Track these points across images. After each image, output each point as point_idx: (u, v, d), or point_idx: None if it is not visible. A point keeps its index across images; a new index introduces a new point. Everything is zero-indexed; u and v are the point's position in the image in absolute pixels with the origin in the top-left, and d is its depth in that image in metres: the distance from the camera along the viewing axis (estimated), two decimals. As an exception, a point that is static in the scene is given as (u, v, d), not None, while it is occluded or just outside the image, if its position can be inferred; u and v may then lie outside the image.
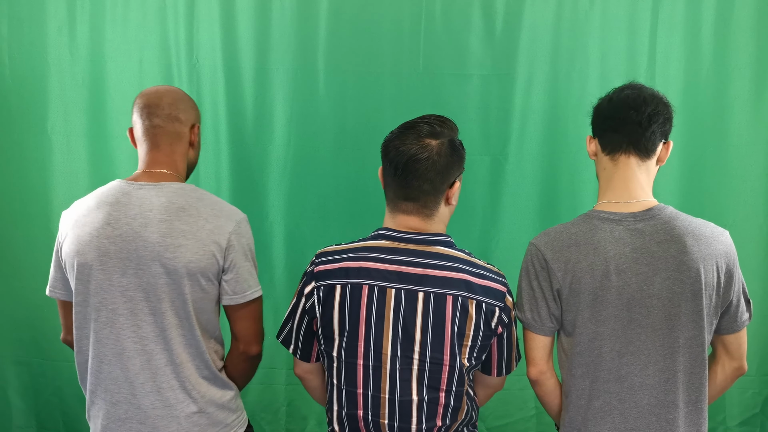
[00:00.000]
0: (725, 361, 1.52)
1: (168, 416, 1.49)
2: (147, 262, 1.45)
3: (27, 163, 2.38)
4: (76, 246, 1.48)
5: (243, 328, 1.57)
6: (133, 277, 1.45)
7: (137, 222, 1.46)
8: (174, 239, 1.45)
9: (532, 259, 1.46)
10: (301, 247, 2.40)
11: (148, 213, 1.46)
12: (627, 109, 1.43)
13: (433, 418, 1.41)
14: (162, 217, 1.46)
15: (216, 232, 1.47)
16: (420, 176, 1.39)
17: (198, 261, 1.45)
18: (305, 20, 2.33)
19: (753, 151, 2.36)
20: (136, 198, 1.48)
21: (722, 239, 1.44)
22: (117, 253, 1.45)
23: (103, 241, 1.46)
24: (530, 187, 2.40)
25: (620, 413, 1.42)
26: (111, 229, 1.46)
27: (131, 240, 1.45)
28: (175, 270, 1.44)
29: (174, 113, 1.56)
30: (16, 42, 2.34)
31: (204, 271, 1.46)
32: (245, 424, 1.63)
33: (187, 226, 1.46)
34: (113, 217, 1.47)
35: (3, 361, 2.50)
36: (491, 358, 1.49)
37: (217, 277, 1.49)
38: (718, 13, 2.32)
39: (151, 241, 1.45)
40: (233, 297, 1.51)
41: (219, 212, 1.50)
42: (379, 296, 1.39)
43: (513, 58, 2.34)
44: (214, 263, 1.47)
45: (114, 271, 1.46)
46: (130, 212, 1.47)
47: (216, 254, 1.47)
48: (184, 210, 1.47)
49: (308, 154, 2.38)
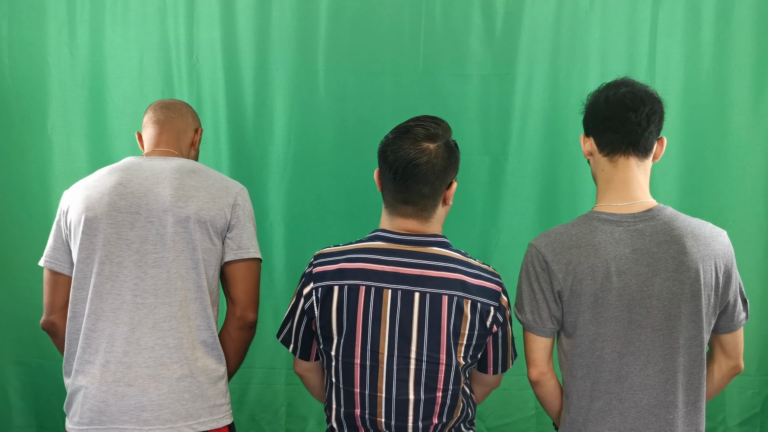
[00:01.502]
0: (722, 360, 1.52)
1: (158, 376, 1.49)
2: (158, 213, 1.52)
3: (27, 163, 2.38)
4: (84, 204, 1.54)
5: (241, 291, 1.61)
6: (142, 230, 1.51)
7: (149, 181, 1.56)
8: (186, 192, 1.56)
9: (532, 260, 1.46)
10: (301, 247, 2.39)
11: (159, 174, 1.58)
12: (626, 110, 1.42)
13: (429, 417, 1.42)
14: (174, 176, 1.57)
15: (225, 190, 1.60)
16: (420, 180, 1.40)
17: (208, 210, 1.55)
18: (305, 20, 2.33)
19: (753, 151, 2.36)
20: (147, 165, 1.60)
21: (720, 239, 1.44)
22: (127, 208, 1.52)
23: (114, 197, 1.53)
24: (530, 187, 2.39)
25: (620, 413, 1.42)
26: (122, 187, 1.55)
27: (142, 195, 1.54)
28: (186, 218, 1.52)
29: (184, 111, 1.75)
30: (16, 42, 2.34)
31: (213, 221, 1.55)
32: (230, 418, 1.61)
33: (197, 182, 1.58)
34: (125, 179, 1.56)
35: (3, 361, 2.49)
36: (487, 356, 1.50)
37: (222, 233, 1.57)
38: (718, 13, 2.31)
39: (163, 194, 1.54)
40: (237, 252, 1.58)
41: (226, 178, 1.67)
42: (376, 297, 1.40)
43: (513, 58, 2.34)
44: (222, 216, 1.56)
45: (123, 225, 1.51)
46: (142, 174, 1.58)
47: (225, 208, 1.57)
48: (195, 171, 1.61)
49: (308, 154, 2.38)
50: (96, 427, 1.49)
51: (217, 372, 1.58)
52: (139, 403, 1.48)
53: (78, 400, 1.53)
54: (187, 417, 1.50)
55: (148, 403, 1.48)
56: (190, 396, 1.52)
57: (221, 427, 1.57)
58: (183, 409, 1.50)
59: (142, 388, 1.49)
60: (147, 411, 1.48)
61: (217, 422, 1.56)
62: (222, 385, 1.60)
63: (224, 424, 1.58)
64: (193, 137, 1.76)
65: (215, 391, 1.57)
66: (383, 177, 1.45)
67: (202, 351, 1.55)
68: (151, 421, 1.48)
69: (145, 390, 1.49)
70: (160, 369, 1.50)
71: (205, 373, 1.55)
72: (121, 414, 1.48)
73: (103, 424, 1.49)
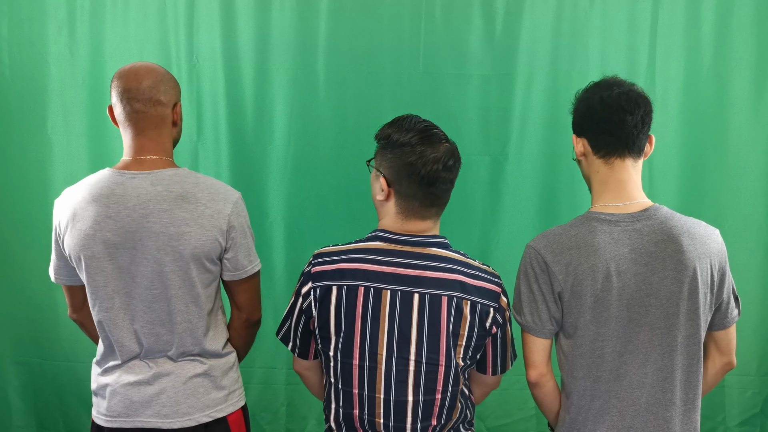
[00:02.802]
0: (716, 356, 1.53)
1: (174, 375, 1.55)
2: (153, 252, 1.49)
3: (27, 163, 2.38)
4: (80, 240, 1.49)
5: (245, 300, 1.64)
6: (140, 266, 1.50)
7: (137, 213, 1.48)
8: (177, 228, 1.48)
9: (531, 261, 1.46)
10: (301, 247, 2.39)
11: (146, 203, 1.48)
12: (622, 112, 1.42)
13: (428, 418, 1.42)
14: (162, 207, 1.48)
15: (216, 217, 1.51)
16: (447, 180, 1.43)
17: (203, 246, 1.50)
18: (305, 20, 2.32)
19: (753, 151, 2.36)
20: (131, 188, 1.49)
21: (714, 237, 1.45)
22: (123, 244, 1.49)
23: (106, 234, 1.48)
24: (530, 187, 2.39)
25: (618, 411, 1.42)
26: (112, 222, 1.48)
27: (134, 231, 1.48)
28: (181, 257, 1.50)
29: (155, 96, 1.52)
30: (16, 42, 2.33)
31: (209, 254, 1.52)
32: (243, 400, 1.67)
33: (188, 214, 1.49)
34: (113, 210, 1.48)
35: (3, 361, 2.50)
36: (486, 357, 1.50)
37: (219, 257, 1.56)
38: (718, 13, 2.31)
39: (155, 231, 1.48)
40: (235, 273, 1.59)
41: (215, 196, 1.53)
42: (375, 298, 1.40)
43: (513, 58, 2.34)
44: (218, 246, 1.53)
45: (123, 261, 1.50)
46: (129, 203, 1.48)
47: (219, 238, 1.52)
48: (183, 198, 1.49)
49: (308, 154, 2.38)
50: (124, 419, 1.55)
51: (228, 363, 1.63)
52: (160, 400, 1.55)
53: (105, 396, 1.58)
54: (203, 408, 1.57)
55: (167, 399, 1.54)
56: (205, 390, 1.57)
57: (236, 410, 1.63)
58: (200, 402, 1.56)
59: (160, 387, 1.55)
60: (167, 407, 1.55)
61: (233, 406, 1.62)
62: (234, 372, 1.64)
63: (239, 407, 1.64)
64: (173, 117, 1.57)
65: (228, 380, 1.62)
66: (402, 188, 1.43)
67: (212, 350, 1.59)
68: (171, 415, 1.54)
69: (163, 389, 1.55)
70: (174, 375, 1.56)
71: (218, 368, 1.60)
72: (144, 409, 1.55)
73: (130, 416, 1.55)
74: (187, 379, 1.55)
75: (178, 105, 1.59)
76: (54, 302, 2.40)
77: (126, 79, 1.52)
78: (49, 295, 2.40)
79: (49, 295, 2.40)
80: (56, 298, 2.38)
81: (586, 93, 1.50)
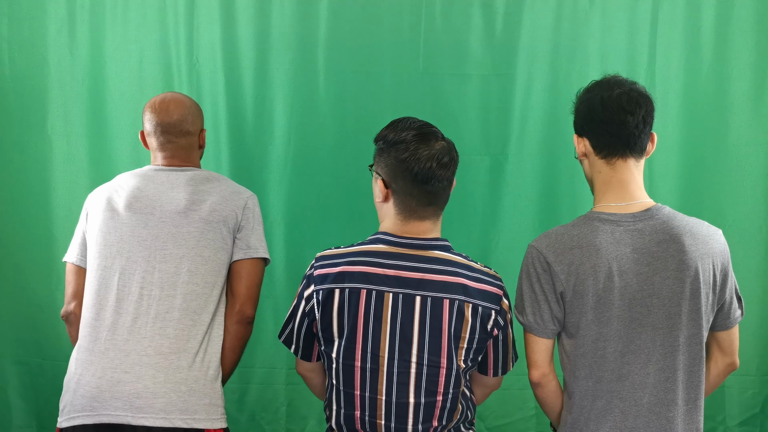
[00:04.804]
0: (718, 357, 1.53)
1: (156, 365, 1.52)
2: (171, 215, 1.60)
3: (27, 163, 2.37)
4: (105, 204, 1.65)
5: (244, 286, 1.66)
6: (154, 228, 1.59)
7: (165, 186, 1.67)
8: (199, 196, 1.66)
9: (533, 261, 1.45)
10: (301, 248, 2.39)
11: (174, 180, 1.69)
12: (623, 113, 1.41)
13: (429, 420, 1.43)
14: (188, 182, 1.68)
15: (236, 194, 1.71)
16: (443, 178, 1.43)
17: (221, 210, 1.64)
18: (305, 20, 2.33)
19: (753, 151, 2.35)
20: (164, 174, 1.71)
21: (717, 237, 1.45)
22: (142, 209, 1.62)
23: (130, 199, 1.64)
24: (530, 187, 2.39)
25: (621, 411, 1.42)
26: (139, 191, 1.65)
27: (157, 198, 1.64)
28: (199, 219, 1.61)
29: (185, 128, 1.75)
30: (16, 42, 2.33)
31: (226, 220, 1.64)
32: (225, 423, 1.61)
33: (210, 187, 1.69)
34: (142, 184, 1.67)
35: (3, 361, 2.49)
36: (488, 359, 1.50)
37: (234, 231, 1.63)
38: (718, 13, 2.31)
39: (177, 198, 1.64)
40: (246, 251, 1.66)
41: (236, 186, 1.76)
42: (377, 300, 1.40)
43: (513, 58, 2.34)
44: (234, 216, 1.66)
45: (137, 224, 1.60)
46: (158, 180, 1.69)
47: (236, 209, 1.67)
48: (208, 179, 1.72)
49: (308, 154, 2.38)
50: (87, 413, 1.51)
51: (217, 370, 1.60)
52: (134, 390, 1.49)
53: (71, 389, 1.55)
54: (182, 410, 1.51)
55: (143, 390, 1.49)
56: (187, 389, 1.53)
57: (216, 429, 1.57)
58: (179, 400, 1.51)
59: (137, 375, 1.50)
60: (141, 398, 1.49)
61: (212, 423, 1.55)
62: (218, 386, 1.61)
63: (219, 427, 1.58)
64: (198, 142, 1.81)
65: (212, 389, 1.58)
66: (398, 183, 1.43)
67: (203, 344, 1.57)
68: (144, 409, 1.48)
69: (140, 377, 1.50)
70: (158, 358, 1.52)
71: (204, 368, 1.56)
72: (114, 400, 1.49)
73: (95, 410, 1.50)
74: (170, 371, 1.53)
75: (204, 131, 1.83)
76: (54, 302, 2.39)
77: (158, 113, 1.73)
78: (49, 295, 2.39)
79: (49, 295, 2.40)
80: (56, 298, 2.38)
81: (587, 93, 1.49)
